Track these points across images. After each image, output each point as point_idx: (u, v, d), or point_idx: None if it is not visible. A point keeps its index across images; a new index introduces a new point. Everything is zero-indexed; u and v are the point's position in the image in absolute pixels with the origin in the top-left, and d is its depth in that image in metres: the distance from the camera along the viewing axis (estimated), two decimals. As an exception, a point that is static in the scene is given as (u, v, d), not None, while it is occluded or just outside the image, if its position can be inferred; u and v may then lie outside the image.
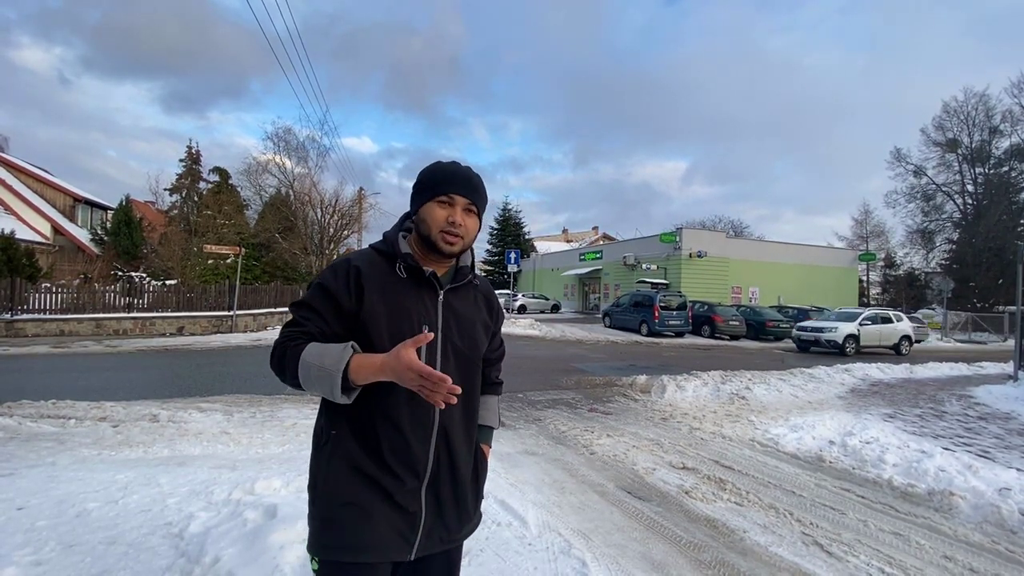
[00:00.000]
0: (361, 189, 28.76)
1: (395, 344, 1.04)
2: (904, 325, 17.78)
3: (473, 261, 1.30)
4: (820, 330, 16.50)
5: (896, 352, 17.11)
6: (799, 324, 18.14)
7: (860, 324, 16.31)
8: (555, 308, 32.52)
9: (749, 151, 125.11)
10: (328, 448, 1.14)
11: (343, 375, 1.00)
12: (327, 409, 1.18)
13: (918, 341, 22.74)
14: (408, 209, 1.27)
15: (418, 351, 1.04)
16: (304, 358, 1.03)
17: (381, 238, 1.25)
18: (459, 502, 1.20)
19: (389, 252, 1.19)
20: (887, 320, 17.50)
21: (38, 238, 21.68)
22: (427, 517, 1.15)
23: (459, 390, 0.94)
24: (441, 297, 1.19)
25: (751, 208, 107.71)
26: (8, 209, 22.07)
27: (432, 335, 1.01)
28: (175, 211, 28.01)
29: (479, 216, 1.23)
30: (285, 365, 1.07)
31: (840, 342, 15.78)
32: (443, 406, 0.98)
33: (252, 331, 15.52)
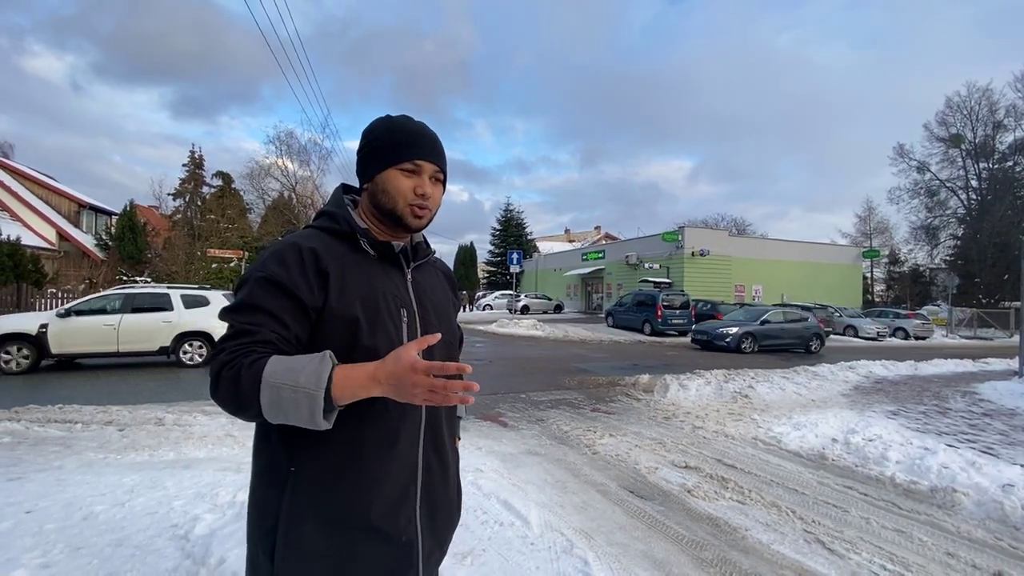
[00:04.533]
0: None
1: (380, 338, 0.91)
2: None
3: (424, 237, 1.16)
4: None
5: None
6: None
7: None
8: (558, 308, 32.52)
9: (754, 149, 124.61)
10: (289, 489, 0.89)
11: (326, 394, 0.76)
12: (281, 436, 0.90)
13: (921, 338, 22.55)
14: (344, 182, 1.09)
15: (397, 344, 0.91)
16: (267, 379, 0.77)
17: (317, 217, 1.05)
18: (450, 504, 1.08)
19: (342, 229, 0.98)
20: None
21: (43, 244, 21.85)
22: (423, 539, 0.98)
23: (476, 386, 0.76)
24: (409, 276, 1.03)
25: (756, 206, 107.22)
26: (14, 215, 22.24)
27: (439, 336, 0.84)
28: (179, 215, 28.26)
29: (444, 184, 1.07)
30: (241, 392, 0.78)
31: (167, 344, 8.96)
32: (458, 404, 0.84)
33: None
